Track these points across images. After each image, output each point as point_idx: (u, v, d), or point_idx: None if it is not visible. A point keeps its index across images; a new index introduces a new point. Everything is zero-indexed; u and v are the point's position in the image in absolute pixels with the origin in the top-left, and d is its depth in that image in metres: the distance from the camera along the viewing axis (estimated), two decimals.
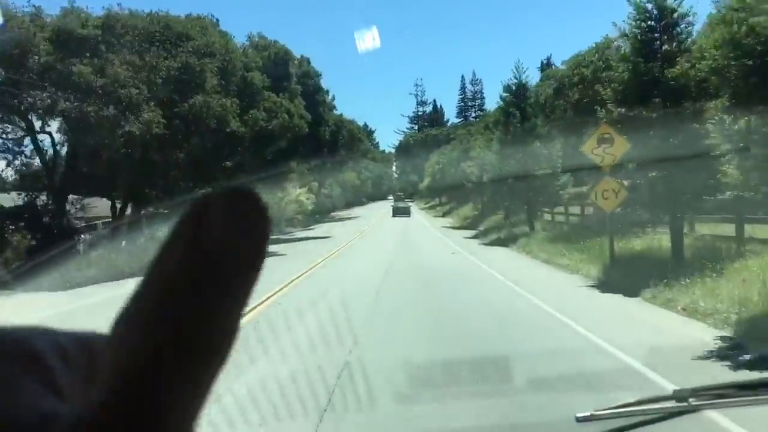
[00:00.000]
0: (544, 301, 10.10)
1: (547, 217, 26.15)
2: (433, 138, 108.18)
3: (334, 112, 34.70)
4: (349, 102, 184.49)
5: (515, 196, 24.83)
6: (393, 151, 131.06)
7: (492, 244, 24.48)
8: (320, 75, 33.41)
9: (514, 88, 25.08)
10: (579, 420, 1.88)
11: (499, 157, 25.12)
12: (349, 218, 61.03)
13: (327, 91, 32.69)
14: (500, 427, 4.49)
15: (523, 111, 24.54)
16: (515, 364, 5.83)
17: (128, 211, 24.74)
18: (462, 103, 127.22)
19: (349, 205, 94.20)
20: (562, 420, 3.41)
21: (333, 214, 73.55)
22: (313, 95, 31.74)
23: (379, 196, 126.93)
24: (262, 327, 6.86)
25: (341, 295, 11.00)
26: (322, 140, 31.52)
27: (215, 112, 18.32)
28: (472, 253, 20.21)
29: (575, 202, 24.55)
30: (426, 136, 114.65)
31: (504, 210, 30.45)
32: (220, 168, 22.88)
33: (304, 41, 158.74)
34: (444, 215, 58.68)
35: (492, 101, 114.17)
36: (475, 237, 29.32)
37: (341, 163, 63.23)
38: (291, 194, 51.68)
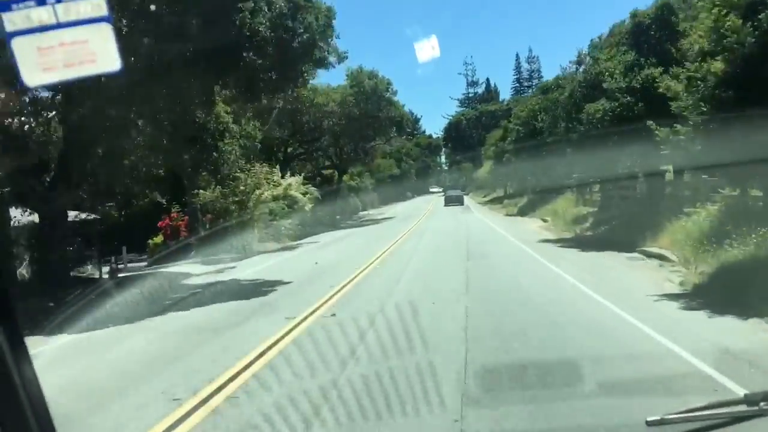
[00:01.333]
0: None
1: None
2: (490, 115, 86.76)
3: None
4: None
5: None
6: (441, 135, 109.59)
7: None
8: None
9: None
10: (649, 424, 1.90)
11: None
12: (377, 221, 40.93)
13: None
14: (569, 429, 4.25)
15: None
16: None
17: None
18: (517, 84, 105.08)
19: (387, 200, 74.52)
20: (632, 424, 3.61)
21: (362, 213, 53.82)
22: None
23: (425, 189, 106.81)
24: None
25: None
26: (251, 40, 11.57)
27: None
28: None
29: None
30: (480, 113, 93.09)
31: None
32: None
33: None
34: (521, 214, 37.71)
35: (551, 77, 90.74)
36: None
37: (366, 138, 43.28)
38: (274, 185, 31.92)
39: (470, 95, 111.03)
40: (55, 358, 8.10)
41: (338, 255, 18.85)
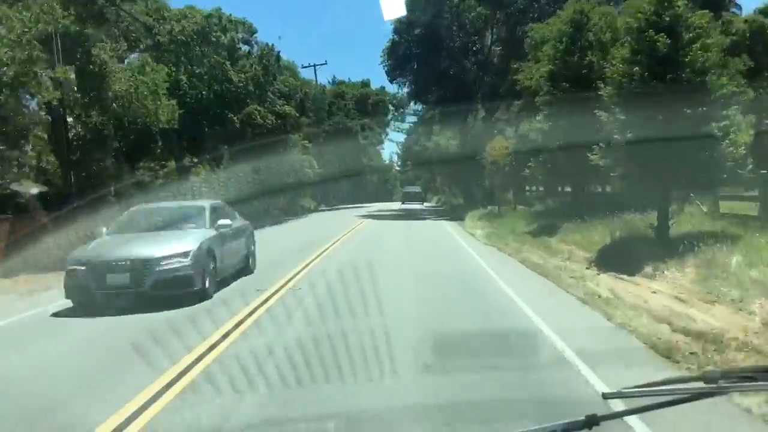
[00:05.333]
0: None
1: None
2: None
3: None
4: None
5: None
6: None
7: None
8: None
9: None
10: (606, 397, 1.89)
11: None
12: None
13: None
14: (526, 401, 4.17)
15: None
16: None
17: None
18: None
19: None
20: (588, 396, 3.96)
21: None
22: None
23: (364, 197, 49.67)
24: None
25: None
26: None
27: None
28: None
29: None
30: None
31: None
32: None
33: None
34: None
35: None
36: None
37: None
38: None
39: None
40: None
41: None
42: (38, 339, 7.12)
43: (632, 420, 3.38)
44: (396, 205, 50.27)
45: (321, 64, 53.74)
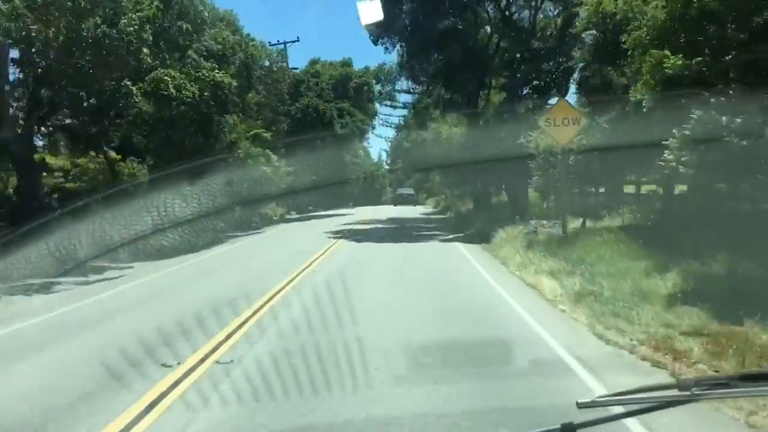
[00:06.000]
0: None
1: None
2: None
3: None
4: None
5: None
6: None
7: None
8: None
9: None
10: (580, 406, 1.85)
11: None
12: None
13: None
14: (500, 410, 4.26)
15: None
16: None
17: None
18: None
19: None
20: (562, 405, 3.59)
21: None
22: None
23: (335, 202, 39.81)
24: None
25: None
26: None
27: None
28: None
29: None
30: None
31: None
32: None
33: None
34: None
35: None
36: None
37: None
38: None
39: None
40: None
41: None
42: None
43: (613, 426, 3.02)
44: (386, 210, 40.98)
45: (293, 41, 43.95)
